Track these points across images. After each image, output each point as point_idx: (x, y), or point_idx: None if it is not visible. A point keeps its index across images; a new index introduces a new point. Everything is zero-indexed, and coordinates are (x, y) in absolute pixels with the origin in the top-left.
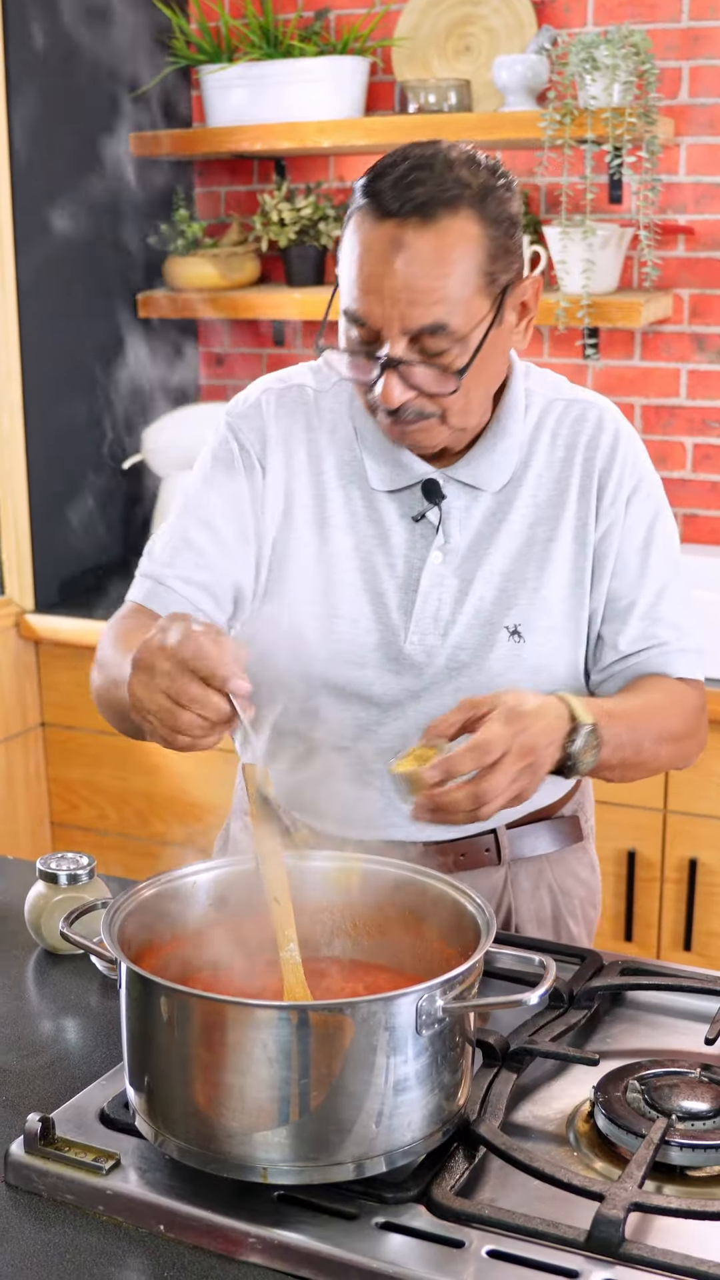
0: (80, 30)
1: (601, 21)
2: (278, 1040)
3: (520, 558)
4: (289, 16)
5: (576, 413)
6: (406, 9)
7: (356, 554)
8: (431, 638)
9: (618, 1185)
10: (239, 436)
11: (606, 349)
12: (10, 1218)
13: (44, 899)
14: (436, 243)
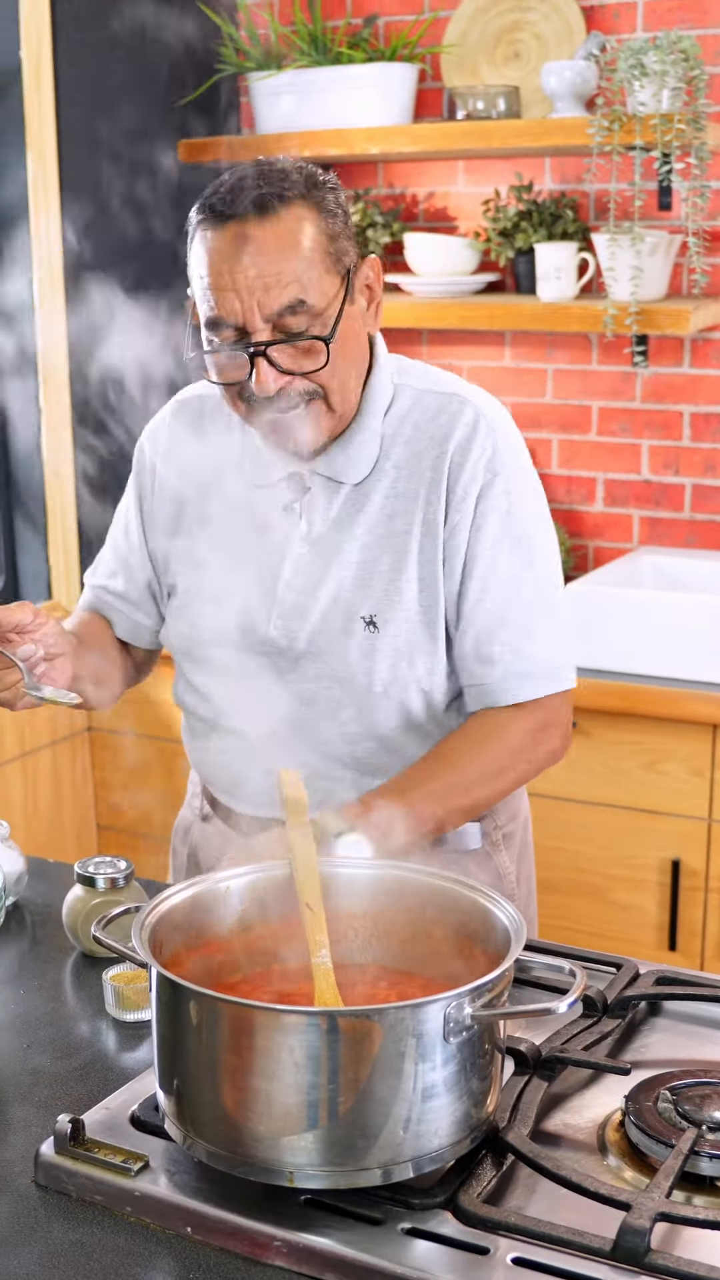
0: (129, 38)
1: (651, 27)
2: (306, 1045)
3: (377, 548)
4: (338, 23)
5: (439, 405)
6: (455, 15)
7: (233, 545)
8: (292, 623)
9: (644, 1195)
10: (143, 448)
11: (655, 356)
12: (40, 1217)
13: (81, 902)
14: (277, 230)
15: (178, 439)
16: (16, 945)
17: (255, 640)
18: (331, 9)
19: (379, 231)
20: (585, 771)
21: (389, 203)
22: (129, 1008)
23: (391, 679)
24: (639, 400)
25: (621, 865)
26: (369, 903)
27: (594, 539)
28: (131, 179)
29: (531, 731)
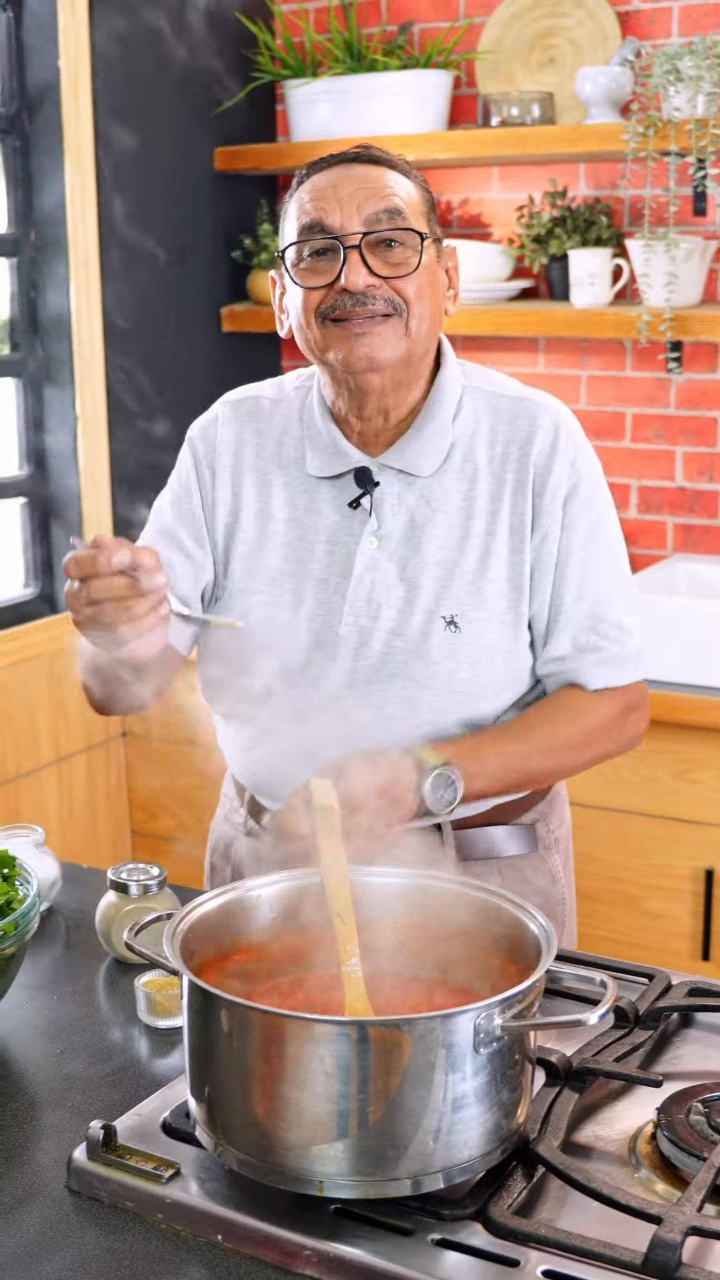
0: (167, 46)
1: (686, 32)
2: (336, 1055)
3: (457, 549)
4: (373, 31)
5: (516, 410)
6: (490, 22)
7: (298, 543)
8: (365, 620)
9: (676, 1208)
10: (194, 450)
11: (689, 362)
12: (72, 1222)
13: (114, 909)
14: (383, 170)
15: (234, 438)
16: (50, 951)
17: (327, 640)
18: (367, 16)
19: None
20: (618, 780)
21: None
22: (161, 1014)
23: (472, 679)
24: (673, 407)
25: (655, 874)
26: (399, 912)
27: (628, 546)
28: (169, 187)
29: (620, 713)
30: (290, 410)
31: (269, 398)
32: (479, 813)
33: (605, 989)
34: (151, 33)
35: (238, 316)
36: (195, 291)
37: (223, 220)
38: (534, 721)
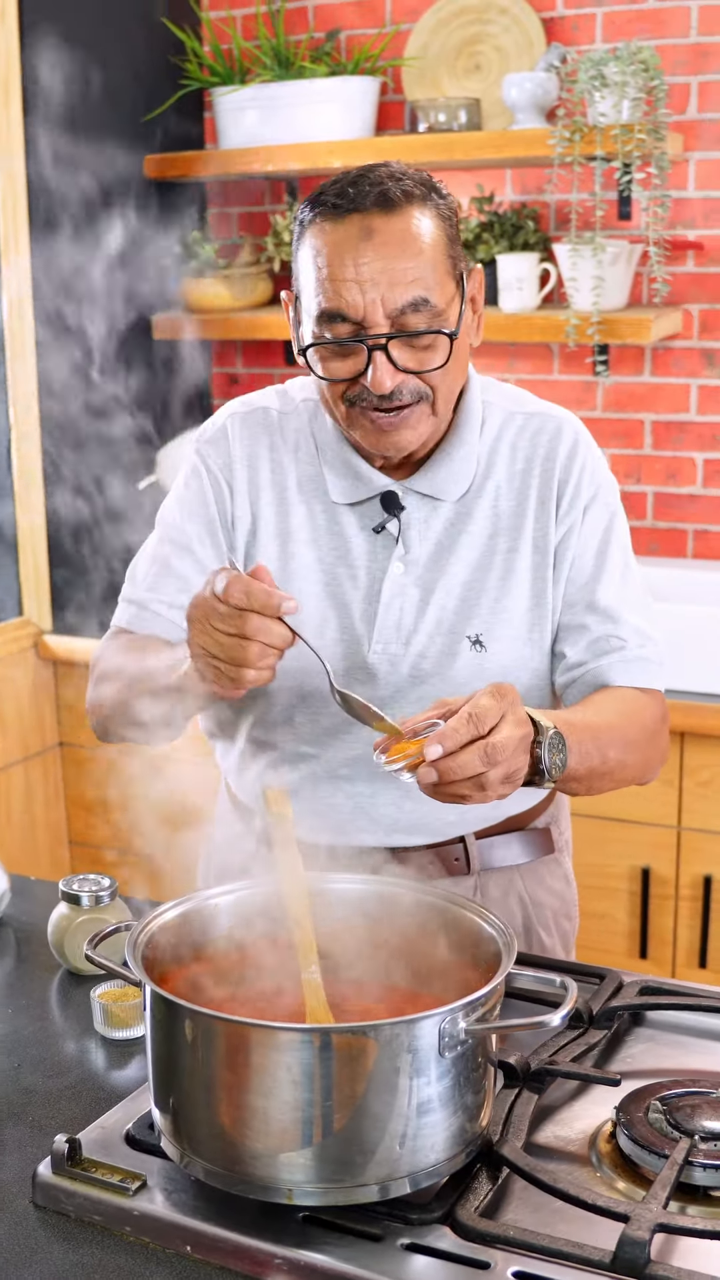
0: (96, 54)
1: (610, 38)
2: (302, 1062)
3: (481, 568)
4: (300, 37)
5: (536, 425)
6: (416, 28)
7: (319, 566)
8: (394, 646)
9: (642, 1206)
10: (206, 462)
11: (616, 365)
12: (39, 1238)
13: (67, 920)
14: (403, 226)
15: (247, 452)
16: (1, 964)
17: (353, 666)
18: (295, 23)
19: None
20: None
21: None
22: (118, 1025)
23: None
24: (600, 409)
25: (592, 874)
26: (358, 918)
27: None
28: (99, 194)
29: (660, 719)
30: (300, 424)
31: (276, 409)
32: (500, 821)
33: (565, 991)
34: (80, 40)
35: (169, 324)
36: (127, 299)
37: (153, 228)
38: (603, 709)
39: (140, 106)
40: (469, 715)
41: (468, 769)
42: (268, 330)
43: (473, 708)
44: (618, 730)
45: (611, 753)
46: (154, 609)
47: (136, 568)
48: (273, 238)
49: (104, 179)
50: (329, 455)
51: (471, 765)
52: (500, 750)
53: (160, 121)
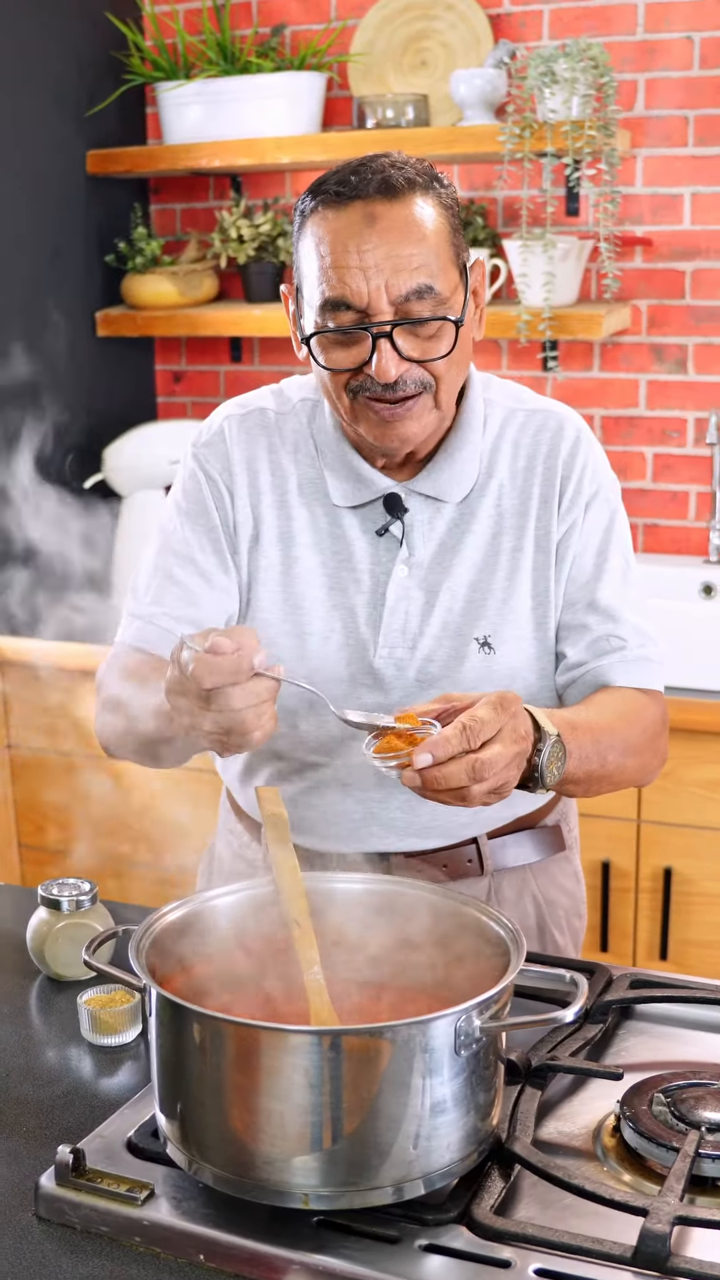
0: (37, 47)
1: (557, 35)
2: (317, 1065)
3: (486, 568)
4: (245, 33)
5: (538, 422)
6: (362, 24)
7: (323, 571)
8: (400, 650)
9: (660, 1200)
10: (205, 467)
11: (566, 361)
12: (45, 1252)
13: (47, 925)
14: (406, 213)
15: (246, 455)
16: None
17: (359, 672)
18: (239, 18)
19: (289, 241)
20: None
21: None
22: (106, 1032)
23: None
24: None
25: None
26: (359, 917)
27: None
28: (40, 190)
29: (660, 721)
30: (299, 425)
31: (273, 409)
32: (511, 821)
33: (576, 987)
34: (21, 33)
35: (112, 321)
36: (68, 296)
37: (96, 224)
38: (604, 710)
39: (82, 101)
40: (463, 727)
41: (452, 780)
42: (213, 327)
43: (469, 719)
44: (619, 733)
45: (611, 756)
46: (160, 624)
47: (138, 580)
48: (219, 234)
49: (46, 174)
50: (329, 457)
51: (456, 778)
52: (488, 767)
53: (103, 116)
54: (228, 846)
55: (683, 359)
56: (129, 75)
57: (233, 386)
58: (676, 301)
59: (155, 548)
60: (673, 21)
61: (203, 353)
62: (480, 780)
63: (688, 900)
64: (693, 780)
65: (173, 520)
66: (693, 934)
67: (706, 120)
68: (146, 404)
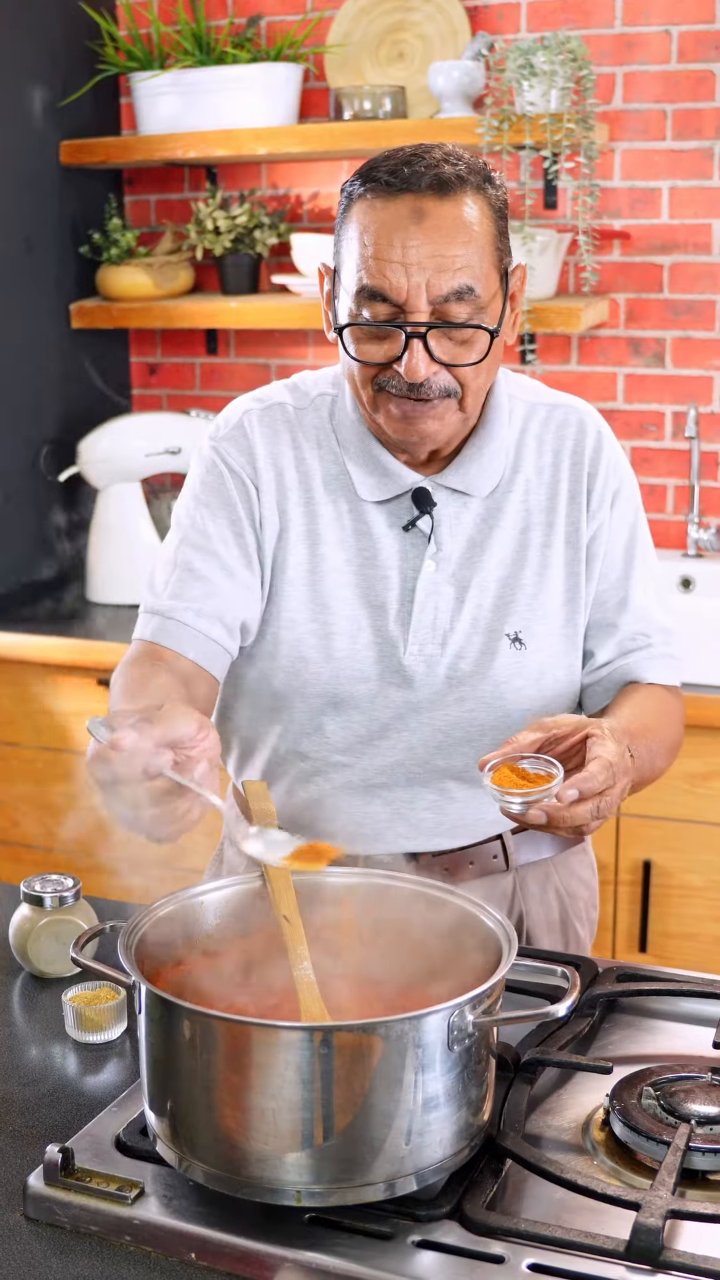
0: (9, 36)
1: (535, 28)
2: (309, 1061)
3: (516, 563)
4: (221, 23)
5: (560, 417)
6: (339, 15)
7: (349, 567)
8: (431, 647)
9: (652, 1193)
10: (226, 460)
11: (544, 354)
12: (34, 1252)
13: (29, 922)
14: (455, 212)
15: (270, 450)
16: None
17: (388, 670)
18: (214, 9)
19: (265, 233)
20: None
21: (274, 204)
22: (91, 1029)
23: (537, 695)
24: None
25: None
26: (349, 912)
27: None
28: (13, 180)
29: (682, 718)
30: (319, 420)
31: (291, 404)
32: None
33: (568, 981)
34: None
35: (87, 313)
36: (42, 287)
37: (70, 215)
38: (647, 712)
39: (56, 91)
40: (609, 765)
41: (579, 819)
42: (189, 319)
43: (609, 755)
44: (660, 735)
45: (659, 761)
46: (179, 618)
47: (155, 575)
48: (195, 225)
49: (19, 164)
50: (353, 451)
51: (582, 818)
52: (610, 806)
53: (77, 107)
54: (239, 853)
55: (661, 353)
56: (103, 65)
57: (208, 379)
58: (654, 295)
59: (173, 541)
60: (651, 15)
61: (178, 345)
62: (602, 816)
63: (666, 893)
64: (672, 774)
65: (191, 513)
66: (672, 926)
67: (685, 114)
68: (122, 396)
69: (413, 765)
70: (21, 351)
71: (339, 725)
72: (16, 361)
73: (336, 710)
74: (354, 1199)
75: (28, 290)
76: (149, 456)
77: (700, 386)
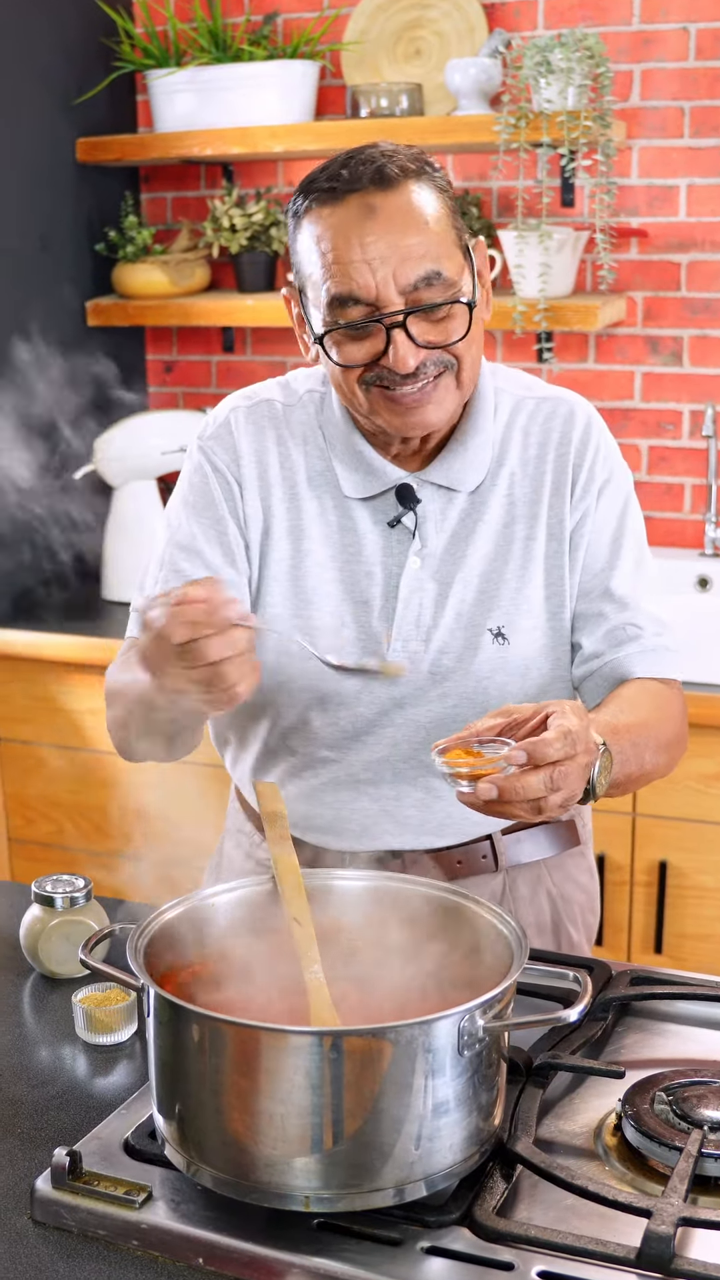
0: (26, 33)
1: (553, 25)
2: (318, 1066)
3: (499, 558)
4: (237, 20)
5: (548, 410)
6: (355, 13)
7: (334, 564)
8: (414, 644)
9: (664, 1200)
10: (211, 459)
11: (561, 352)
12: (42, 1256)
13: (40, 923)
14: (404, 201)
15: (255, 447)
16: None
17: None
18: (231, 6)
19: (282, 230)
20: None
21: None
22: (101, 1031)
23: (521, 689)
24: None
25: None
26: (360, 915)
27: None
28: (29, 178)
29: (683, 713)
30: (306, 417)
31: (280, 401)
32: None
33: (579, 985)
34: (9, 19)
35: (103, 310)
36: (59, 285)
37: (86, 212)
38: (637, 708)
39: (72, 88)
40: (566, 731)
41: (531, 791)
42: (205, 317)
43: (568, 724)
44: (652, 731)
45: (648, 756)
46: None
47: (144, 577)
48: (211, 223)
49: (34, 162)
50: (339, 448)
51: (536, 789)
52: (565, 778)
53: (92, 104)
54: (237, 847)
55: (678, 351)
56: (119, 62)
57: (224, 377)
58: (672, 293)
59: (161, 542)
60: (669, 12)
61: (194, 343)
62: (557, 790)
63: (682, 894)
64: (688, 774)
65: (178, 514)
66: (688, 928)
67: (702, 111)
68: (138, 394)
69: (398, 761)
70: (38, 349)
71: (325, 721)
72: (33, 359)
73: (322, 706)
74: (363, 1205)
75: (44, 288)
76: (164, 454)
77: (718, 385)
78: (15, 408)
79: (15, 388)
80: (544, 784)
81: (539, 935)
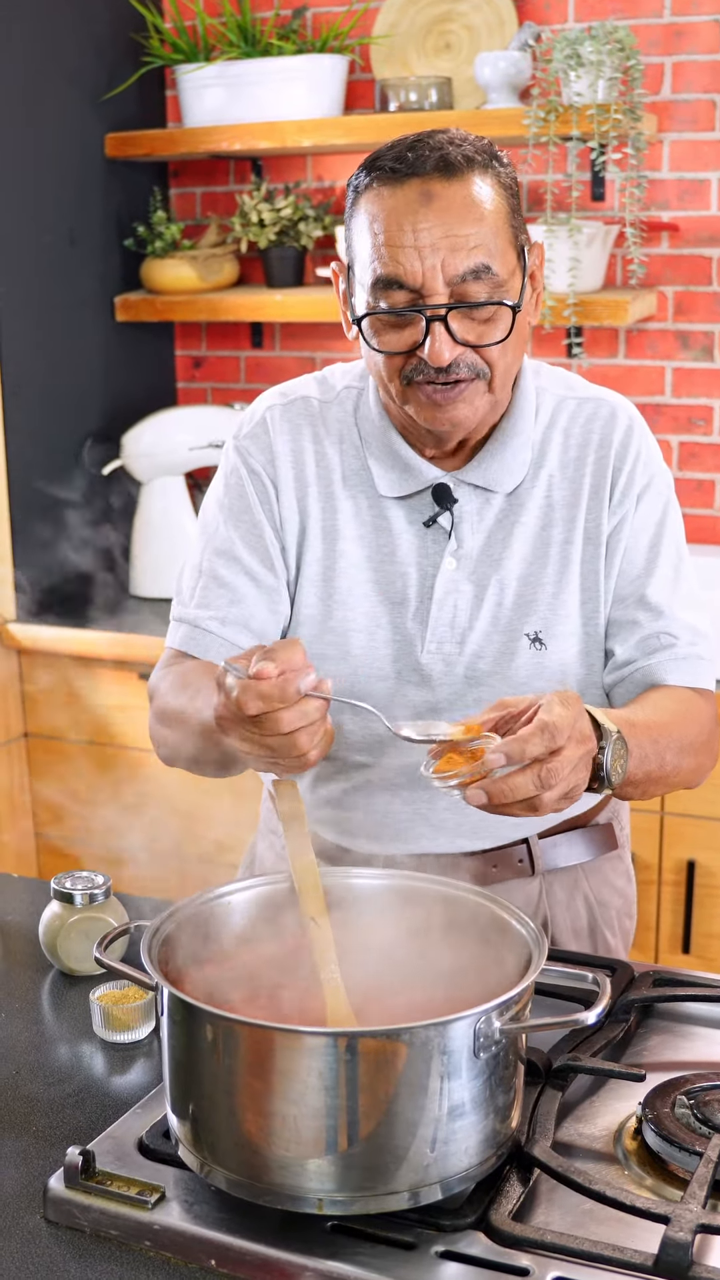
0: (55, 29)
1: (583, 18)
2: (332, 1067)
3: (537, 561)
4: (266, 15)
5: (589, 411)
6: (385, 6)
7: (368, 565)
8: (449, 646)
9: (682, 1207)
10: (247, 460)
11: (591, 347)
12: (54, 1255)
13: (59, 919)
14: (465, 192)
15: (291, 446)
16: None
17: (406, 669)
18: (260, 0)
19: (310, 225)
20: None
21: (318, 196)
22: (118, 1028)
23: None
24: None
25: None
26: (377, 915)
27: None
28: (58, 173)
29: (713, 720)
30: (343, 413)
31: (316, 397)
32: (562, 820)
33: (598, 987)
34: (39, 15)
35: (132, 306)
36: (87, 280)
37: (114, 208)
38: (660, 709)
39: (101, 83)
40: (544, 725)
41: (519, 792)
42: (234, 312)
43: (548, 716)
44: (675, 732)
45: (669, 756)
46: (206, 627)
47: (183, 582)
48: (240, 218)
49: (64, 157)
50: (374, 446)
51: (524, 789)
52: (555, 774)
53: (122, 99)
54: (270, 848)
55: (709, 346)
56: (148, 58)
57: (253, 372)
58: (703, 288)
59: (199, 547)
60: (700, 4)
61: (223, 338)
62: (549, 787)
63: (711, 893)
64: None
65: (215, 518)
66: (716, 927)
67: None
68: (166, 390)
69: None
70: (67, 344)
71: (358, 725)
72: (62, 355)
73: (354, 710)
74: (377, 1208)
75: (72, 283)
76: (193, 450)
77: None
78: (43, 403)
79: (44, 383)
80: (532, 783)
81: (575, 940)
